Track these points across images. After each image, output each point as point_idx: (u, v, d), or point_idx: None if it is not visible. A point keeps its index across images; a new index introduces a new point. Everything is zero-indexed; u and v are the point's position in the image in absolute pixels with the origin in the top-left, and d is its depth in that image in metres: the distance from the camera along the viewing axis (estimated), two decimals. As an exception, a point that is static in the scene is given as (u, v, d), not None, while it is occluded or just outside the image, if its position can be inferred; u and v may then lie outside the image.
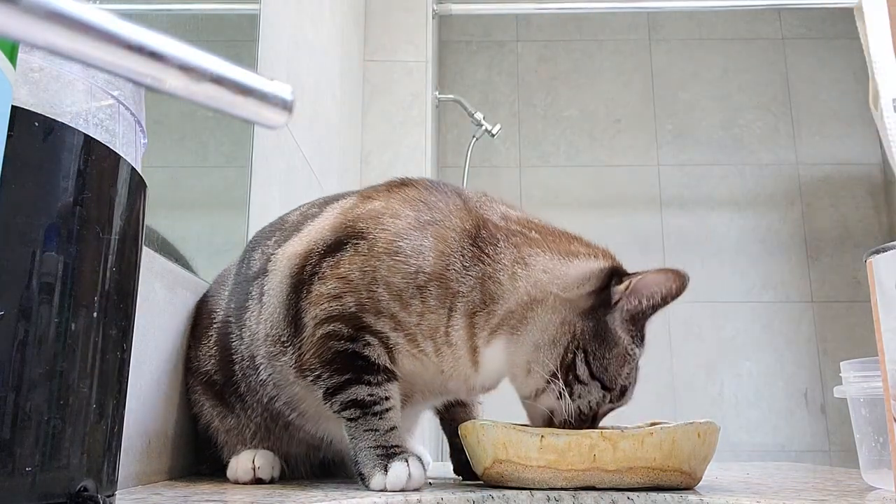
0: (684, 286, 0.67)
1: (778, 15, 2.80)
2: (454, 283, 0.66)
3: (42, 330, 0.34)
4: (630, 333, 0.68)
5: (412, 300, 0.66)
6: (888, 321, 0.58)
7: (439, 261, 0.67)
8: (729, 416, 2.47)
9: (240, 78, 0.25)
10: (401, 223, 0.68)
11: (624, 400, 0.69)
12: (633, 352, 0.68)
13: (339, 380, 0.66)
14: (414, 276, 0.66)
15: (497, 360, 0.68)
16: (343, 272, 0.67)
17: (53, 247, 0.35)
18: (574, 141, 2.73)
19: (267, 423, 0.74)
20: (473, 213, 0.70)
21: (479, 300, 0.67)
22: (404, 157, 2.15)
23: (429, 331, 0.67)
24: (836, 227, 2.62)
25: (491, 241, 0.68)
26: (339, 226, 0.70)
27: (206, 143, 0.98)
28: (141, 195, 0.44)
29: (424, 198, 0.71)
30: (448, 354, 0.68)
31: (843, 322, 2.53)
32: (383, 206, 0.70)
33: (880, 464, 0.70)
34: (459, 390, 0.72)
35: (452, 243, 0.67)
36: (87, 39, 0.21)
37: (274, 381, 0.71)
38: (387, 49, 2.23)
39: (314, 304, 0.67)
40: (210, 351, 0.76)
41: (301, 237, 0.73)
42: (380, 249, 0.67)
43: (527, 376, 0.67)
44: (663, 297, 0.67)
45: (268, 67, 1.16)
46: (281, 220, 0.81)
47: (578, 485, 0.63)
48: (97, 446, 0.38)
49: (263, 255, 0.75)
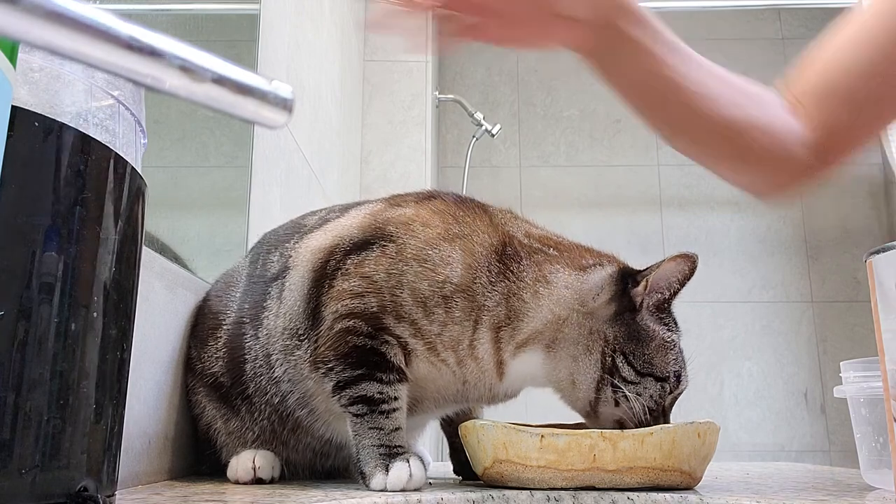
0: (695, 265, 0.69)
1: (778, 15, 2.80)
2: (480, 296, 0.68)
3: (42, 330, 0.34)
4: (662, 323, 0.69)
5: (436, 309, 0.67)
6: (888, 321, 0.58)
7: (467, 273, 0.68)
8: (729, 416, 2.47)
9: (240, 78, 0.25)
10: (431, 232, 0.69)
11: (682, 385, 0.70)
12: (671, 338, 0.69)
13: (352, 374, 0.66)
14: (441, 286, 0.67)
15: (525, 372, 0.69)
16: (368, 271, 0.68)
17: (53, 247, 0.35)
18: (574, 141, 2.73)
19: (274, 426, 0.73)
20: (499, 229, 0.72)
21: (503, 315, 0.68)
22: (404, 157, 2.15)
23: (450, 342, 0.68)
24: (836, 227, 2.62)
25: (515, 259, 0.70)
26: (368, 226, 0.71)
27: (206, 143, 0.98)
28: (141, 195, 0.44)
29: (453, 211, 0.72)
30: (472, 366, 0.69)
31: (843, 322, 2.53)
32: (414, 213, 0.71)
33: (880, 464, 0.70)
34: (481, 399, 0.72)
35: (480, 258, 0.69)
36: (87, 39, 0.21)
37: (289, 376, 0.70)
38: (387, 49, 2.23)
39: (335, 299, 0.68)
40: (218, 352, 0.75)
41: (326, 231, 0.74)
42: (409, 255, 0.68)
43: (574, 388, 0.68)
44: (680, 281, 0.69)
45: (268, 67, 1.16)
46: (296, 223, 0.80)
47: (578, 485, 0.63)
48: (97, 446, 0.38)
49: (283, 256, 0.75)
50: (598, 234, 2.59)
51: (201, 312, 0.81)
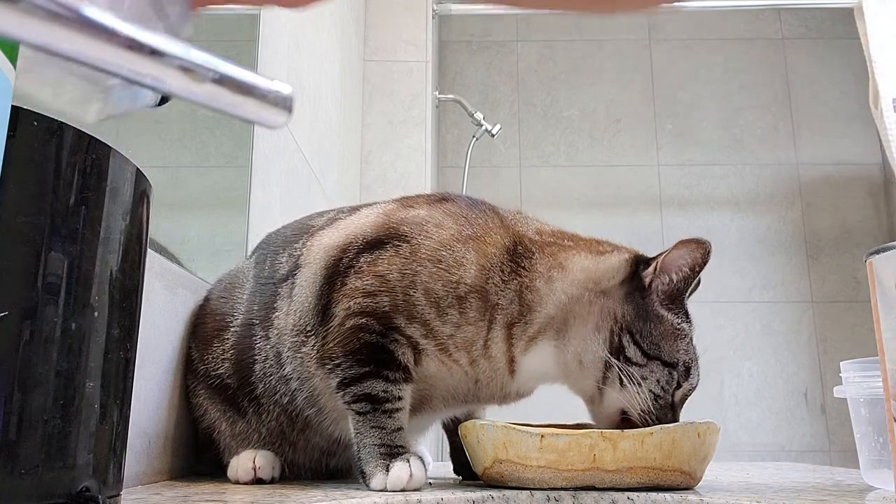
0: (708, 252, 0.69)
1: (778, 15, 2.80)
2: (493, 295, 0.68)
3: (47, 330, 0.34)
4: (672, 311, 0.69)
5: (449, 310, 0.67)
6: (888, 321, 0.58)
7: (480, 274, 0.68)
8: (729, 416, 2.47)
9: (240, 78, 0.25)
10: (444, 233, 0.70)
11: (692, 380, 0.70)
12: (681, 327, 0.69)
13: (358, 371, 0.66)
14: (455, 286, 0.67)
15: (536, 367, 0.69)
16: (381, 270, 0.68)
17: (57, 247, 0.35)
18: (574, 141, 2.73)
19: (283, 426, 0.73)
20: (510, 229, 0.73)
21: (516, 312, 0.68)
22: (404, 157, 2.15)
23: (463, 343, 0.68)
24: (836, 227, 2.62)
25: (527, 255, 0.70)
26: (382, 225, 0.71)
27: (206, 143, 0.98)
28: (146, 196, 0.44)
29: (465, 213, 0.73)
30: (485, 365, 0.69)
31: (843, 322, 2.52)
32: (427, 215, 0.72)
33: (880, 464, 0.70)
34: (493, 398, 0.72)
35: (493, 258, 0.69)
36: (87, 39, 0.21)
37: (297, 374, 0.70)
38: (387, 49, 2.22)
39: (347, 296, 0.68)
40: (224, 354, 0.75)
41: (338, 229, 0.74)
42: (423, 255, 0.68)
43: (580, 369, 0.68)
44: (691, 267, 0.69)
45: (268, 67, 1.16)
46: (303, 224, 0.80)
47: (578, 485, 0.63)
48: (103, 446, 0.38)
49: (292, 256, 0.75)
50: (598, 234, 2.57)
51: (203, 313, 0.80)
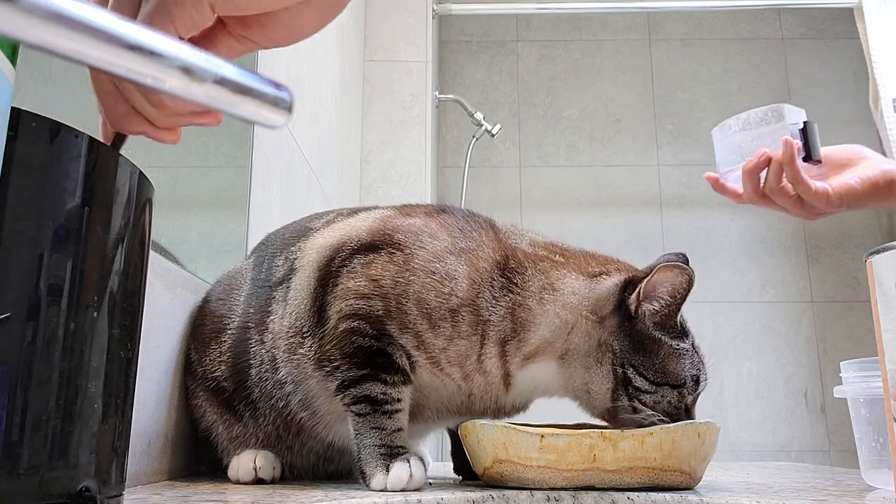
0: (690, 280, 0.67)
1: (778, 15, 2.80)
2: (484, 311, 0.67)
3: (50, 331, 0.34)
4: (667, 332, 0.68)
5: (442, 322, 0.67)
6: (888, 321, 0.58)
7: (471, 289, 0.68)
8: (729, 416, 2.47)
9: (240, 78, 0.25)
10: (439, 245, 0.69)
11: (701, 386, 0.69)
12: (680, 346, 0.68)
13: (357, 374, 0.66)
14: (447, 299, 0.67)
15: (536, 383, 0.69)
16: (375, 274, 0.68)
17: (60, 249, 0.35)
18: (574, 141, 2.72)
19: (279, 430, 0.73)
20: (503, 243, 0.72)
21: (509, 329, 0.67)
22: (404, 157, 2.15)
23: (456, 357, 0.68)
24: (836, 227, 2.62)
25: (519, 271, 0.69)
26: (377, 230, 0.71)
27: (206, 143, 0.98)
28: (147, 196, 0.44)
29: (461, 226, 0.72)
30: (480, 380, 0.69)
31: (843, 322, 2.53)
32: (423, 224, 0.71)
33: (880, 464, 0.70)
34: (486, 411, 0.72)
35: (484, 273, 0.69)
36: (88, 39, 0.21)
37: (292, 377, 0.70)
38: (387, 49, 2.22)
39: (340, 297, 0.68)
40: (221, 356, 0.75)
41: (333, 230, 0.73)
42: (416, 265, 0.68)
43: (590, 398, 0.68)
44: (672, 294, 0.67)
45: (268, 67, 1.16)
46: (302, 226, 0.80)
47: (578, 485, 0.63)
48: (105, 447, 0.38)
49: (288, 260, 0.75)
50: (598, 234, 2.59)
51: (202, 314, 0.80)
